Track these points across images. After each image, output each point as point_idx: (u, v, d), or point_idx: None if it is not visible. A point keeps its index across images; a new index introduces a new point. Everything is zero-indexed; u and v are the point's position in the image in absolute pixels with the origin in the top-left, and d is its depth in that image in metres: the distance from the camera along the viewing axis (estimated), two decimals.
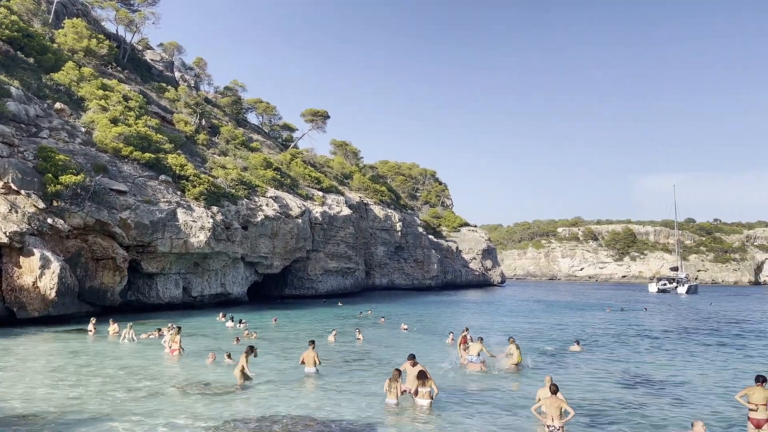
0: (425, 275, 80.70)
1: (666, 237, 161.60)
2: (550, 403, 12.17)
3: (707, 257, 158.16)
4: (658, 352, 25.79)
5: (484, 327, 33.78)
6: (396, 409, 13.86)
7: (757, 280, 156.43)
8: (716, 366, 22.22)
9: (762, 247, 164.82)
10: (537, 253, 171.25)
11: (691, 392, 17.18)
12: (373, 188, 76.41)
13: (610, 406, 15.09)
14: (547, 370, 19.78)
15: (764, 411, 10.66)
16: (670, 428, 13.05)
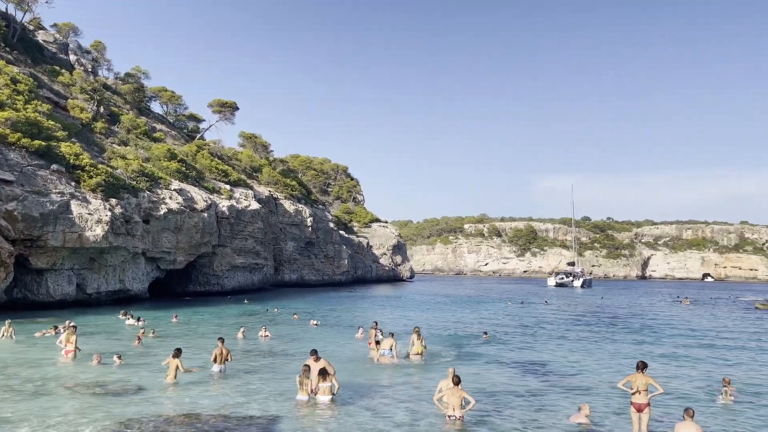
0: (336, 271, 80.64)
1: (564, 234, 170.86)
2: (452, 393, 12.50)
3: (601, 253, 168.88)
4: (555, 342, 27.20)
5: (394, 321, 34.23)
6: (307, 405, 13.73)
7: (643, 274, 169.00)
8: (606, 354, 23.74)
9: (648, 244, 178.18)
10: (445, 249, 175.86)
11: (584, 379, 18.24)
12: (283, 182, 75.31)
13: (509, 394, 15.71)
14: (453, 361, 20.33)
15: (645, 396, 11.48)
16: (561, 413, 13.78)
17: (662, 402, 14.32)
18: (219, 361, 17.40)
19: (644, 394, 11.49)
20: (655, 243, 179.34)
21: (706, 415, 13.78)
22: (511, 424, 12.90)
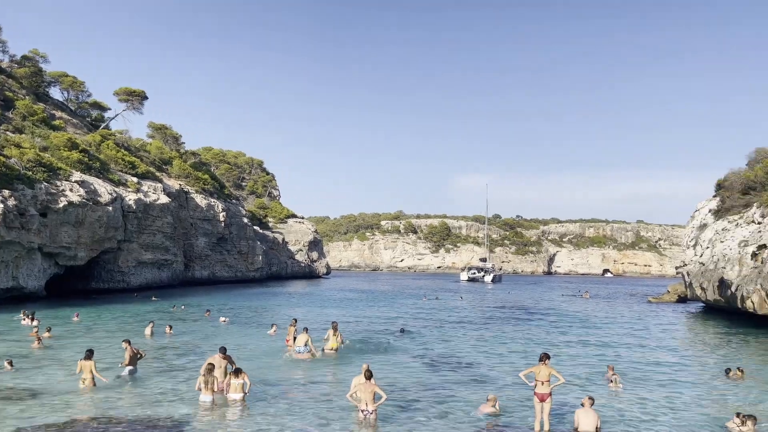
0: (249, 267, 79.01)
1: (477, 231, 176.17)
2: (364, 388, 12.61)
3: (510, 249, 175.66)
4: (467, 336, 28.00)
5: (310, 318, 33.98)
6: (211, 406, 13.33)
7: (549, 270, 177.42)
8: (514, 346, 24.73)
9: (554, 241, 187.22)
10: (362, 245, 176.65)
11: (493, 371, 18.92)
12: (195, 176, 72.79)
13: (421, 388, 16.02)
14: (368, 356, 20.45)
15: (548, 386, 12.06)
16: (471, 404, 14.22)
17: (562, 390, 15.06)
18: (129, 363, 16.58)
19: (547, 385, 12.04)
20: (560, 240, 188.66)
21: (600, 402, 14.64)
22: (422, 416, 13.17)
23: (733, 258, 38.38)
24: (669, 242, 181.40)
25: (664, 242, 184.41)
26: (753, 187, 43.48)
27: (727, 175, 50.29)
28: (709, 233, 46.36)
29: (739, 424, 12.08)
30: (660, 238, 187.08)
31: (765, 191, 40.86)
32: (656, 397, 15.67)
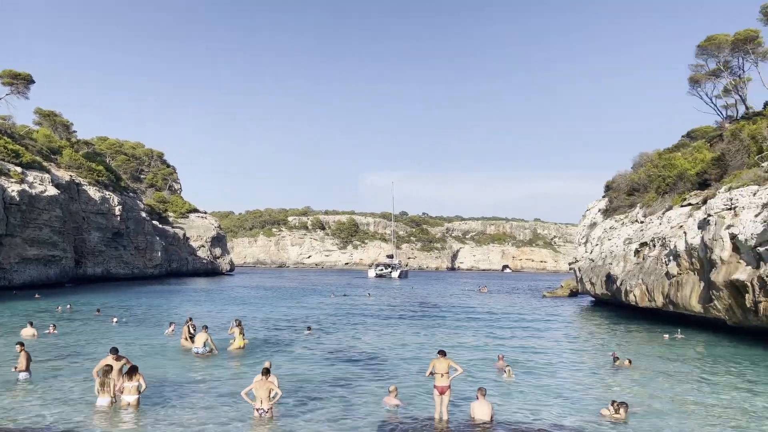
0: (148, 263, 75.45)
1: (384, 227, 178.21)
2: (260, 385, 12.39)
3: (416, 246, 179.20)
4: (373, 331, 28.22)
5: (212, 316, 32.90)
6: (111, 408, 12.57)
7: (453, 266, 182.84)
8: (417, 340, 25.21)
9: (458, 238, 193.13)
10: (268, 241, 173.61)
11: (397, 364, 19.17)
12: (87, 167, 68.37)
13: (326, 384, 15.94)
14: (273, 354, 20.08)
15: (447, 378, 12.40)
16: (375, 397, 14.33)
17: (458, 382, 15.49)
18: (23, 368, 15.27)
19: (446, 377, 12.37)
20: (463, 237, 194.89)
21: (494, 393, 15.22)
22: (325, 411, 13.13)
23: (618, 255, 41.22)
24: (563, 240, 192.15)
25: (559, 240, 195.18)
26: (637, 188, 46.92)
27: (614, 177, 53.99)
28: (598, 231, 49.55)
29: (612, 411, 12.95)
30: (555, 235, 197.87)
31: (647, 192, 44.19)
32: (547, 386, 16.50)
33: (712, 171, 35.15)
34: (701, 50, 49.87)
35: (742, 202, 26.97)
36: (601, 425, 12.55)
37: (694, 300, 29.61)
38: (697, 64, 51.65)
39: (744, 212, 26.23)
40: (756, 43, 46.68)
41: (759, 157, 30.33)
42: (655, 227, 37.33)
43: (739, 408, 14.22)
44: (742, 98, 50.07)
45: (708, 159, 37.47)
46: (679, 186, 38.84)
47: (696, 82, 52.58)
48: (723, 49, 48.31)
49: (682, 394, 15.73)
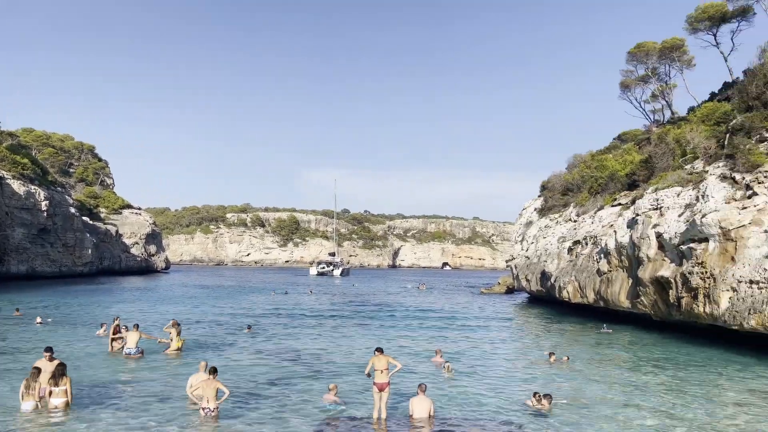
0: (77, 261, 72.25)
1: (325, 225, 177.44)
2: (207, 385, 12.24)
3: (358, 244, 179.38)
4: (313, 329, 28.04)
5: (145, 315, 31.82)
6: (36, 413, 11.93)
7: (394, 263, 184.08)
8: (356, 337, 25.24)
9: (399, 236, 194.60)
10: (205, 239, 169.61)
11: (337, 362, 19.12)
12: (11, 159, 64.74)
13: (266, 383, 15.73)
14: (211, 353, 19.63)
15: (386, 375, 12.46)
16: (310, 396, 14.25)
17: (397, 379, 15.60)
18: None
19: (385, 374, 12.43)
20: (404, 235, 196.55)
21: (433, 389, 15.42)
22: (265, 409, 12.99)
23: (553, 252, 42.55)
24: (501, 238, 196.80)
25: (497, 238, 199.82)
26: (571, 188, 48.57)
27: (549, 177, 55.75)
28: (534, 230, 50.99)
29: (535, 402, 13.41)
30: (493, 233, 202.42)
31: (580, 193, 45.82)
32: (484, 381, 16.86)
33: (640, 172, 36.78)
34: (631, 56, 52.12)
35: (667, 202, 28.35)
36: (525, 416, 12.95)
37: (623, 296, 30.92)
38: (628, 69, 54.01)
39: (669, 212, 27.58)
40: (681, 52, 49.18)
41: (683, 160, 31.96)
42: (587, 226, 38.74)
43: (660, 398, 14.95)
44: (669, 103, 52.69)
45: (637, 161, 39.19)
46: (610, 186, 40.45)
47: (626, 87, 54.93)
48: (651, 56, 50.65)
49: (609, 385, 16.40)
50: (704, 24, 44.80)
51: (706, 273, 23.32)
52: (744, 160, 25.10)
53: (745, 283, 21.40)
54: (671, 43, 48.87)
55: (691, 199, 26.54)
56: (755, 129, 26.57)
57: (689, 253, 24.59)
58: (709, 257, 23.40)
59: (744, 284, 21.46)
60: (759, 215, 22.39)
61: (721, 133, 29.50)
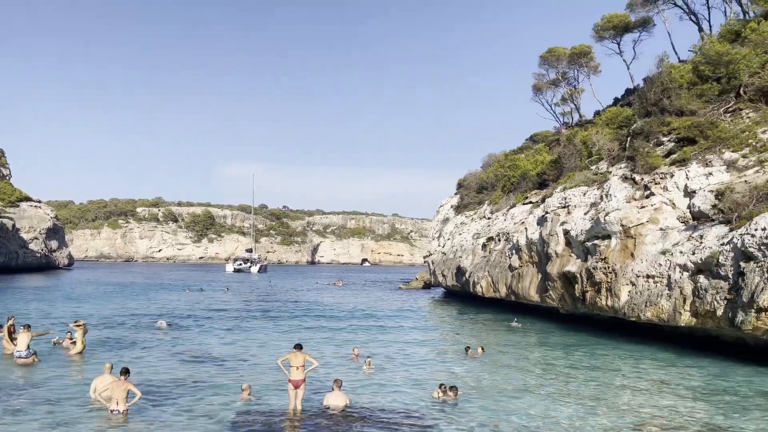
0: None
1: (242, 221, 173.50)
2: (117, 386, 11.90)
3: (276, 240, 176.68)
4: (228, 327, 27.36)
5: (45, 315, 29.84)
6: None
7: (313, 260, 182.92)
8: (271, 335, 24.89)
9: (318, 232, 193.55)
10: (113, 234, 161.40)
11: (251, 360, 18.77)
12: None
13: (177, 383, 15.18)
14: (119, 354, 18.69)
15: (302, 372, 12.36)
16: (224, 395, 13.90)
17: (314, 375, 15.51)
18: None
19: (301, 371, 12.33)
20: (324, 231, 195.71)
21: (353, 385, 15.46)
22: (176, 410, 12.58)
23: (468, 248, 43.75)
24: (419, 234, 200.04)
25: (415, 234, 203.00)
26: (485, 186, 50.12)
27: (466, 175, 57.23)
28: (450, 226, 52.23)
29: (441, 393, 13.78)
30: (412, 230, 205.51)
31: (494, 191, 47.37)
32: (401, 375, 17.09)
33: (550, 172, 38.49)
34: (543, 61, 54.43)
35: (574, 201, 29.84)
36: (432, 407, 13.26)
37: (533, 290, 32.27)
38: (540, 73, 56.39)
39: (575, 210, 29.04)
40: (589, 58, 51.90)
41: (589, 161, 33.74)
42: (500, 223, 40.12)
43: (565, 386, 15.74)
44: (577, 107, 55.49)
45: (547, 161, 41.00)
46: (522, 185, 42.07)
47: (538, 90, 57.33)
48: (561, 60, 53.11)
49: (516, 375, 17.08)
50: (609, 33, 47.45)
51: (608, 268, 24.75)
52: (643, 162, 26.82)
53: (643, 277, 22.88)
54: (579, 49, 51.44)
55: (595, 198, 28.07)
56: (653, 133, 28.45)
57: (594, 249, 26.00)
58: (612, 253, 24.85)
59: (641, 279, 22.94)
60: (655, 214, 24.01)
61: (623, 136, 31.35)
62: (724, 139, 24.55)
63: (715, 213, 21.61)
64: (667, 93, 28.95)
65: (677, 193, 24.30)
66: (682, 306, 20.63)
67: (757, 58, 26.40)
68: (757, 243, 17.75)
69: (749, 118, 25.32)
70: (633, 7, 45.19)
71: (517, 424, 12.07)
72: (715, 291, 19.22)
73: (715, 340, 21.15)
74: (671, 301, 21.12)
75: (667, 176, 25.01)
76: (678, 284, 20.96)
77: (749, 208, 19.52)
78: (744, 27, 29.59)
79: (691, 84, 28.77)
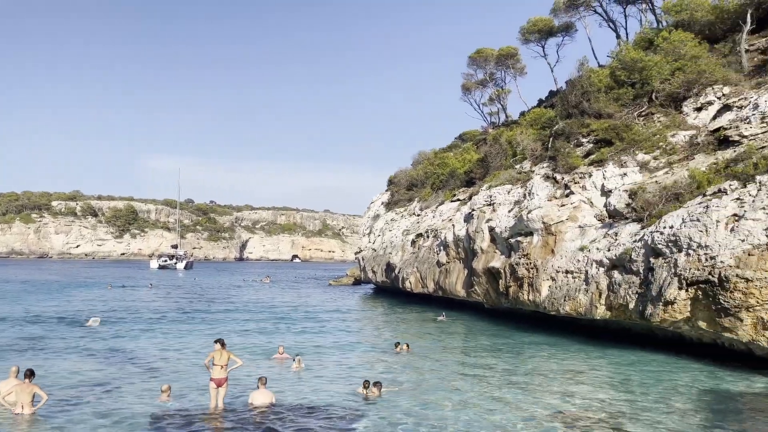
0: None
1: (167, 216, 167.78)
2: (21, 389, 11.43)
3: (202, 236, 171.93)
4: (150, 325, 26.39)
5: None
6: None
7: (241, 256, 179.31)
8: (195, 334, 24.21)
9: (247, 228, 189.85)
10: (26, 228, 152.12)
11: (172, 360, 18.19)
12: None
13: (90, 384, 14.55)
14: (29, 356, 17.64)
15: (225, 371, 12.08)
16: (142, 396, 13.43)
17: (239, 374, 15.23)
18: None
19: (224, 369, 12.06)
20: (253, 227, 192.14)
21: (284, 384, 15.30)
22: (89, 414, 12.00)
23: (397, 245, 44.17)
24: (350, 230, 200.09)
25: (347, 230, 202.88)
26: (416, 183, 50.71)
27: (396, 172, 57.67)
28: (381, 223, 52.55)
29: (365, 390, 13.81)
30: (343, 226, 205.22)
31: (424, 188, 48.01)
32: (329, 372, 17.05)
33: (477, 170, 39.40)
34: (472, 61, 55.59)
35: (499, 199, 30.70)
36: (357, 403, 13.30)
37: (459, 286, 32.98)
38: (469, 73, 57.56)
39: (500, 208, 29.89)
40: (515, 60, 53.43)
41: (513, 160, 34.77)
42: (429, 220, 40.73)
43: (486, 378, 16.19)
44: (503, 107, 57.05)
45: (474, 160, 41.94)
46: (450, 183, 42.85)
47: (467, 90, 58.52)
48: (489, 61, 54.42)
49: (441, 369, 17.43)
50: (534, 36, 49.03)
51: (530, 264, 25.62)
52: (563, 162, 27.91)
53: (562, 273, 23.85)
54: (507, 51, 52.87)
55: (519, 197, 28.98)
56: (573, 134, 29.65)
57: (517, 245, 26.85)
58: (533, 250, 25.75)
59: (561, 274, 23.90)
60: (575, 212, 25.05)
61: (545, 136, 32.51)
62: (637, 141, 25.90)
63: (628, 211, 22.78)
64: (587, 96, 30.24)
65: (595, 192, 25.44)
66: (598, 300, 21.65)
67: (667, 65, 27.98)
68: (665, 240, 18.87)
69: (660, 122, 26.83)
70: (557, 12, 46.87)
71: (438, 416, 12.29)
72: (628, 285, 20.28)
73: (628, 332, 22.35)
74: (588, 296, 22.12)
75: (585, 176, 26.13)
76: (594, 279, 21.97)
77: (659, 207, 20.71)
78: (657, 36, 31.28)
79: (609, 88, 30.18)
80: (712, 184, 19.42)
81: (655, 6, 39.85)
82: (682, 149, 24.43)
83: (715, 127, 23.95)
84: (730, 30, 29.12)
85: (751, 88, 23.98)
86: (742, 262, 16.12)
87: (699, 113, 25.98)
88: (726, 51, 28.42)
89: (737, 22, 27.83)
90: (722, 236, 17.15)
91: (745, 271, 15.87)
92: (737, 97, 24.04)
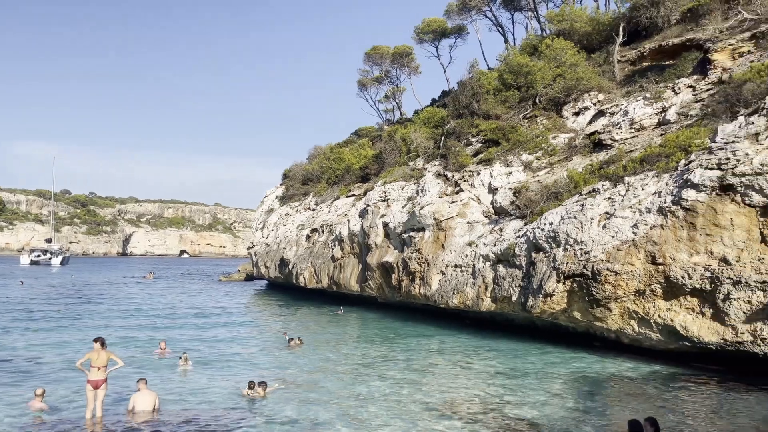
0: None
1: (40, 207, 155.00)
2: None
3: (81, 229, 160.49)
4: (19, 325, 24.23)
5: None
6: None
7: (125, 251, 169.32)
8: (70, 334, 22.56)
9: (131, 221, 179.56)
10: None
11: (45, 362, 16.85)
12: None
13: None
14: None
15: (103, 372, 11.32)
16: (12, 403, 12.35)
17: (119, 376, 14.41)
18: None
19: (102, 371, 11.33)
20: (137, 220, 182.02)
21: (165, 383, 14.62)
22: None
23: (292, 240, 43.66)
24: (243, 224, 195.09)
25: (239, 224, 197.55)
26: (311, 178, 50.33)
27: (291, 166, 56.95)
28: (275, 217, 51.68)
29: (249, 390, 13.42)
30: (235, 220, 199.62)
31: (319, 183, 47.78)
32: (218, 371, 16.54)
33: (372, 166, 39.80)
34: (368, 57, 56.00)
35: (393, 195, 31.22)
36: (241, 404, 12.97)
37: (353, 280, 33.20)
38: (365, 69, 57.95)
39: (394, 204, 30.40)
40: (410, 59, 54.47)
41: (407, 157, 35.47)
42: (324, 215, 40.62)
43: (377, 371, 16.45)
44: (398, 105, 58.04)
45: (370, 156, 42.33)
46: (346, 178, 42.98)
47: (363, 86, 58.89)
48: (385, 59, 55.09)
49: (331, 365, 17.47)
50: (428, 36, 50.26)
51: (422, 258, 26.30)
52: (454, 160, 28.89)
53: (452, 267, 24.69)
54: (401, 49, 53.76)
55: (412, 193, 29.62)
56: (463, 134, 30.75)
57: (409, 240, 27.44)
58: (425, 244, 26.44)
59: (450, 268, 24.73)
60: (464, 208, 26.01)
61: (438, 135, 33.46)
62: (522, 142, 27.34)
63: (513, 209, 23.98)
64: (477, 97, 31.47)
65: (482, 190, 26.56)
66: (484, 293, 22.63)
67: (550, 71, 29.75)
68: (546, 236, 20.07)
69: (543, 124, 28.49)
70: (450, 14, 48.33)
71: (324, 413, 12.24)
72: (512, 279, 21.37)
73: (511, 323, 23.56)
74: (475, 289, 23.06)
75: (474, 174, 27.20)
76: (481, 273, 22.94)
77: (540, 205, 22.00)
78: (541, 42, 33.14)
79: (497, 90, 31.60)
80: (587, 184, 20.88)
81: (539, 14, 42.19)
82: (562, 151, 26.11)
83: (590, 131, 25.80)
84: (605, 41, 31.43)
85: (622, 96, 26.07)
86: (612, 256, 17.50)
87: (577, 117, 27.89)
88: (601, 60, 30.65)
89: (611, 35, 30.07)
90: (595, 233, 18.51)
91: (614, 265, 17.23)
92: (610, 104, 26.06)
